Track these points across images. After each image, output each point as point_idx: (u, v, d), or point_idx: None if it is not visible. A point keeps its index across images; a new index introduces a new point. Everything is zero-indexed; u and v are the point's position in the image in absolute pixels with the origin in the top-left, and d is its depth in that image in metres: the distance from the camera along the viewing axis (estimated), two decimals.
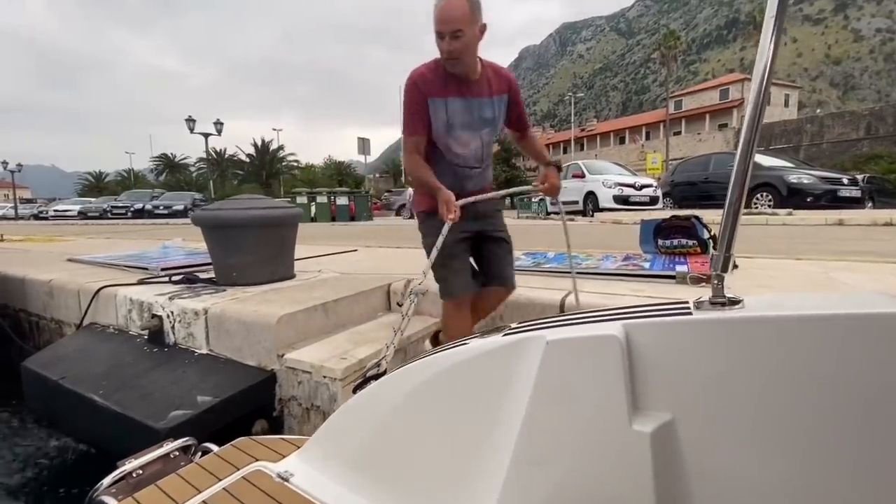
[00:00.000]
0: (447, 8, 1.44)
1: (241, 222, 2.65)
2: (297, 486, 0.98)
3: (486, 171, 1.80)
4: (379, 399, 0.93)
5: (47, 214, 22.82)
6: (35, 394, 2.42)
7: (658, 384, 0.61)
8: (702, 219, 3.06)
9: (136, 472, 1.21)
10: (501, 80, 1.67)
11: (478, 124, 1.65)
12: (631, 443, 0.59)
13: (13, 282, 3.66)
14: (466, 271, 1.73)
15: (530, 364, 0.68)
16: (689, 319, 0.60)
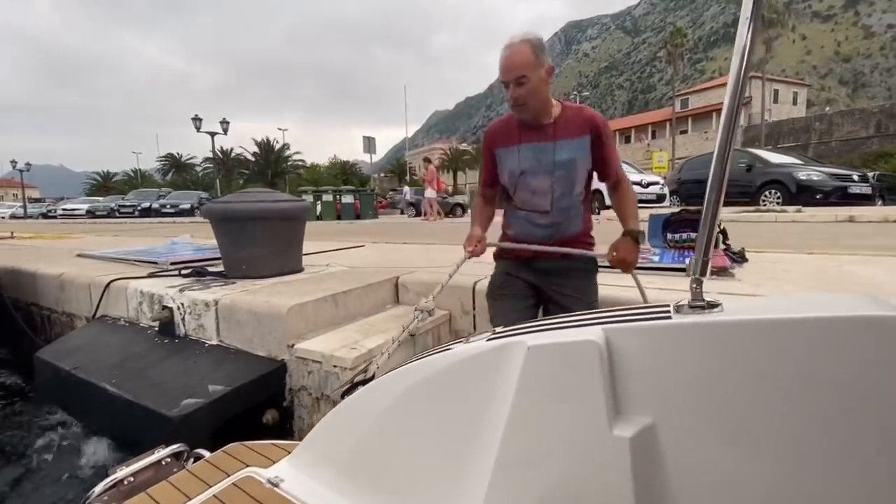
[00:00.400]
0: (509, 56, 1.44)
1: (251, 215, 2.66)
2: (287, 491, 0.98)
3: (565, 221, 1.61)
4: (367, 404, 0.93)
5: (56, 213, 23.05)
6: (48, 384, 2.44)
7: (638, 388, 0.61)
8: None
9: (127, 479, 1.21)
10: (582, 121, 1.54)
11: (548, 169, 1.55)
12: (611, 448, 0.59)
13: (25, 276, 3.70)
14: (508, 315, 1.62)
15: (512, 369, 0.68)
16: (669, 324, 0.59)
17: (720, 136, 0.63)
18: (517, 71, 1.42)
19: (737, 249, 2.83)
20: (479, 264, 1.83)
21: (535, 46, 1.44)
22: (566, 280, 1.61)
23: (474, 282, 2.38)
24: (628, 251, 1.52)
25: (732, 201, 9.22)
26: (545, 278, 1.63)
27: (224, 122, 18.43)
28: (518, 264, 1.68)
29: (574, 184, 1.58)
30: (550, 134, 1.55)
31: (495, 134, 1.66)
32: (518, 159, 1.60)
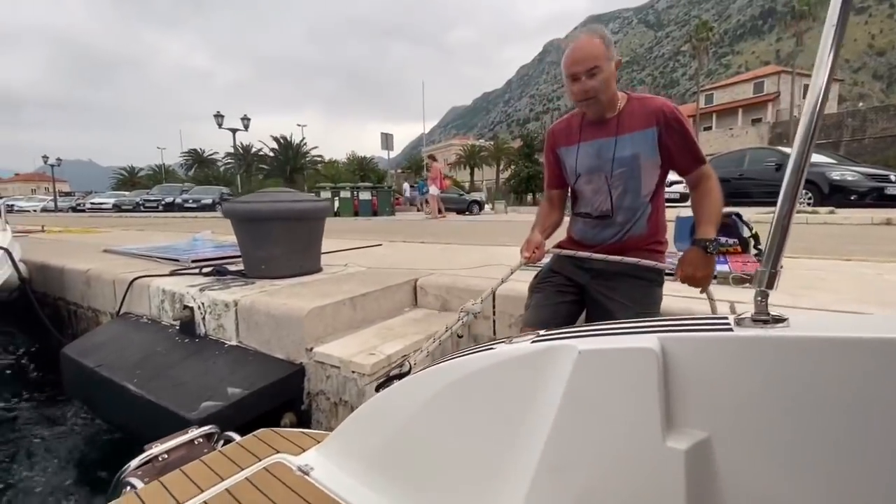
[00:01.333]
0: (581, 47, 1.36)
1: (270, 215, 2.66)
2: (317, 479, 0.99)
3: (629, 222, 1.49)
4: (402, 399, 0.93)
5: (84, 207, 23.77)
6: (73, 380, 2.49)
7: (694, 401, 0.59)
8: (742, 216, 2.92)
9: (161, 456, 1.25)
10: (648, 111, 1.40)
11: (607, 166, 1.45)
12: (664, 459, 0.58)
13: (53, 271, 3.79)
14: (543, 309, 1.55)
15: (560, 373, 0.67)
16: (730, 336, 0.57)
17: (797, 145, 0.61)
18: (590, 61, 1.35)
19: None
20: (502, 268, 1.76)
21: (605, 39, 1.37)
22: (617, 284, 1.47)
23: (494, 288, 2.33)
24: (696, 265, 1.33)
25: (759, 202, 8.93)
26: (594, 280, 1.52)
27: (245, 118, 18.69)
28: (566, 261, 1.59)
29: (639, 181, 1.45)
30: (613, 129, 1.44)
31: (557, 134, 1.60)
32: (577, 158, 1.52)
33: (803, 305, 1.87)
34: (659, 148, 1.41)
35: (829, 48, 0.58)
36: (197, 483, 1.02)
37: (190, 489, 1.01)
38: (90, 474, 2.23)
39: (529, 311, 1.60)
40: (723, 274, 2.28)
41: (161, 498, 0.99)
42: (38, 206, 27.96)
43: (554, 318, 1.53)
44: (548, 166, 1.67)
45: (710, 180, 1.42)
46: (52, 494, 2.11)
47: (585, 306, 1.58)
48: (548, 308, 1.55)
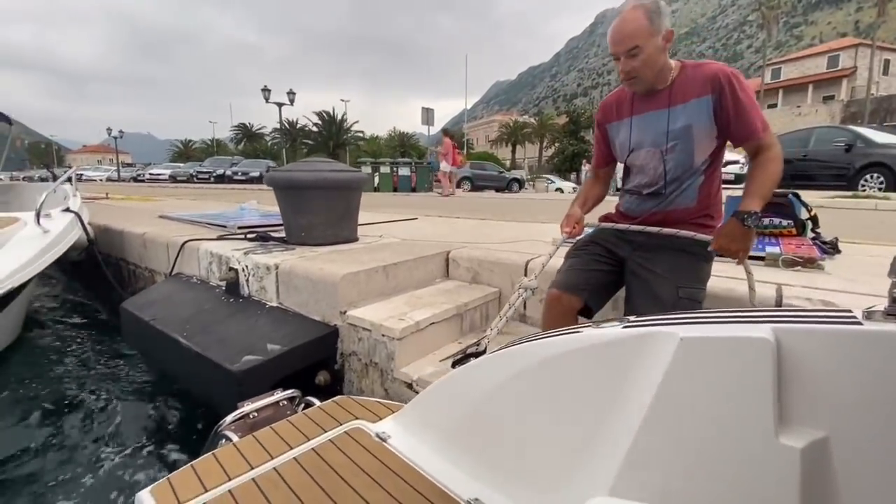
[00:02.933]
0: (619, 26, 1.32)
1: (310, 184, 2.73)
2: (394, 446, 1.04)
3: (677, 194, 1.45)
4: (481, 377, 0.94)
5: (144, 177, 25.30)
6: (131, 331, 2.71)
7: (812, 398, 0.55)
8: (801, 196, 2.72)
9: (252, 413, 1.40)
10: (703, 79, 1.33)
11: (661, 140, 1.42)
12: (776, 457, 0.55)
13: (115, 234, 4.10)
14: (575, 272, 1.53)
15: (657, 361, 0.64)
16: (860, 330, 0.53)
17: None
18: (628, 42, 1.30)
19: (828, 239, 2.52)
20: (535, 243, 1.74)
21: (649, 11, 1.29)
22: (658, 256, 1.42)
23: (526, 260, 2.31)
24: (731, 237, 1.28)
25: (825, 185, 8.26)
26: (635, 252, 1.49)
27: (291, 92, 19.08)
28: (608, 233, 1.58)
29: (692, 153, 1.39)
30: (665, 100, 1.40)
31: (607, 109, 1.58)
32: (630, 132, 1.49)
33: (860, 291, 1.74)
34: (715, 117, 1.34)
35: None
36: (286, 440, 1.12)
37: (280, 445, 1.10)
38: (139, 416, 2.45)
39: (561, 274, 1.57)
40: (773, 255, 2.16)
41: (255, 450, 1.08)
42: (103, 175, 30.04)
43: (585, 284, 1.51)
44: (596, 143, 1.67)
45: (770, 150, 1.32)
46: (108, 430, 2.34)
47: (625, 280, 1.54)
48: (581, 272, 1.53)
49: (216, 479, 0.99)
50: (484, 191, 16.63)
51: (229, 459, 1.06)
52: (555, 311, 1.51)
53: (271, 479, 0.97)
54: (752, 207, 1.26)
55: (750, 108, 1.31)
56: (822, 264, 2.07)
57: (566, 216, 1.59)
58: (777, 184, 1.32)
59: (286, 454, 1.05)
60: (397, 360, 1.83)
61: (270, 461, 1.03)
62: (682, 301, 1.37)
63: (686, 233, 1.38)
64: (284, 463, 1.02)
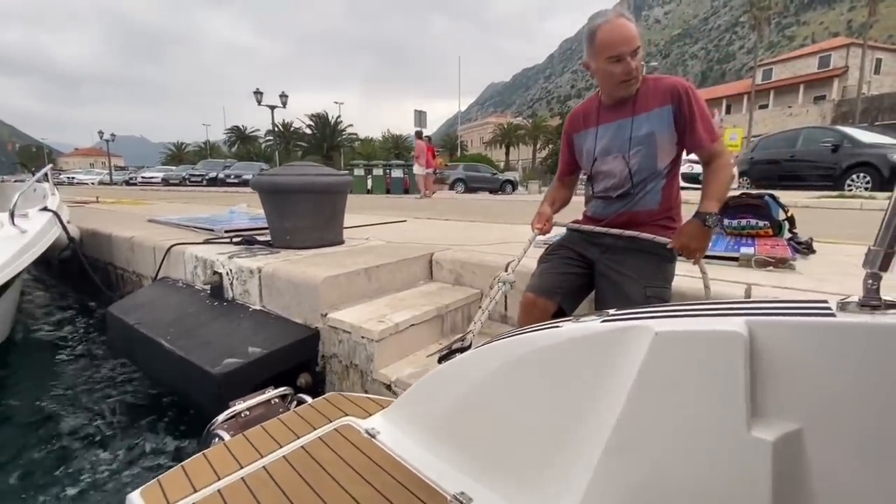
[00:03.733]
0: (623, 28, 1.36)
1: (294, 188, 2.76)
2: (383, 443, 1.05)
3: (640, 197, 1.53)
4: (466, 371, 0.95)
5: (136, 180, 25.19)
6: (116, 335, 2.72)
7: (785, 390, 0.55)
8: (778, 198, 2.77)
9: (244, 412, 1.41)
10: (663, 90, 1.44)
11: (625, 146, 1.49)
12: (748, 449, 0.55)
13: (102, 238, 4.10)
14: (547, 276, 1.59)
15: (633, 355, 0.65)
16: (834, 321, 0.53)
17: None
18: (634, 42, 1.37)
19: (803, 239, 2.57)
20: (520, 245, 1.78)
21: (634, 21, 1.39)
22: (625, 258, 1.50)
23: (508, 262, 2.34)
24: (692, 236, 1.37)
25: (813, 185, 8.37)
26: (604, 255, 1.56)
27: (283, 95, 19.07)
28: (577, 237, 1.66)
29: (654, 158, 1.48)
30: (630, 109, 1.49)
31: (575, 120, 1.66)
32: (596, 139, 1.57)
33: (828, 290, 1.79)
34: (675, 125, 1.43)
35: None
36: (276, 438, 1.13)
37: (270, 444, 1.11)
38: (128, 419, 2.46)
39: (535, 278, 1.62)
40: (746, 256, 2.20)
41: (246, 450, 1.09)
42: (95, 178, 29.88)
43: (559, 287, 1.56)
44: (562, 153, 1.73)
45: (721, 157, 1.43)
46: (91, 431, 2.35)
47: (595, 282, 1.59)
48: (553, 275, 1.58)
49: (206, 478, 1.00)
50: (478, 192, 16.68)
51: (219, 459, 1.07)
52: (530, 315, 1.55)
53: (260, 478, 0.98)
54: (711, 209, 1.36)
55: (705, 119, 1.41)
56: (793, 264, 2.12)
57: (537, 214, 1.65)
58: (729, 187, 1.42)
59: (276, 452, 1.06)
60: (376, 361, 1.86)
61: (260, 460, 1.04)
62: (650, 300, 1.44)
63: (646, 235, 1.44)
64: (274, 461, 1.03)
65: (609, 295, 1.49)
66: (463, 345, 1.27)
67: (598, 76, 1.46)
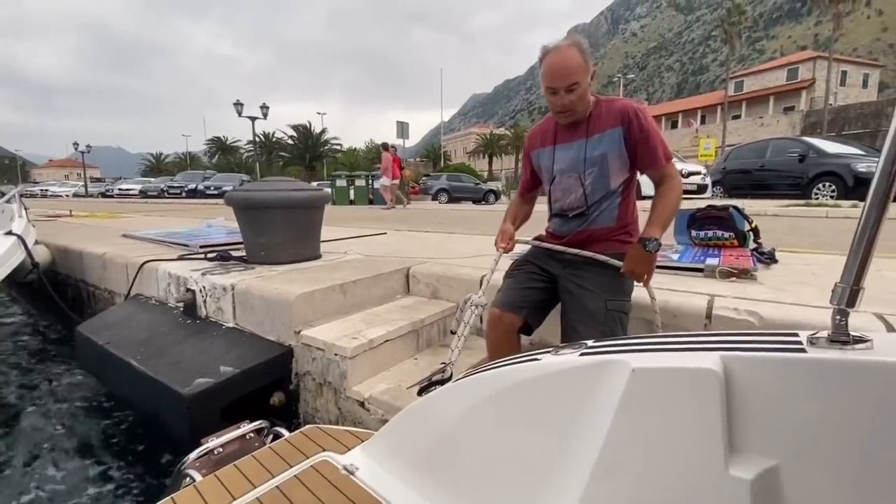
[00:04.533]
0: (561, 61, 1.40)
1: (269, 203, 2.75)
2: (362, 479, 1.01)
3: (597, 215, 1.59)
4: (446, 405, 0.94)
5: (112, 192, 24.66)
6: (86, 355, 2.66)
7: (761, 426, 0.55)
8: (742, 209, 2.87)
9: (217, 449, 1.36)
10: (614, 112, 1.50)
11: (580, 166, 1.55)
12: (728, 490, 0.54)
13: (74, 255, 4.00)
14: (513, 291, 1.63)
15: (611, 390, 0.64)
16: (804, 358, 0.53)
17: (888, 148, 0.54)
18: (571, 77, 1.41)
19: (766, 249, 2.67)
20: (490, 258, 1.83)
21: (583, 51, 1.42)
22: (586, 273, 1.54)
23: (482, 276, 2.37)
24: (636, 261, 1.43)
25: (782, 194, 8.66)
26: (565, 270, 1.60)
27: (264, 106, 18.96)
28: (540, 252, 1.71)
29: (607, 178, 1.54)
30: (584, 131, 1.55)
31: (533, 139, 1.73)
32: (553, 160, 1.63)
33: (786, 301, 1.86)
34: (626, 146, 1.49)
35: None
36: (249, 478, 1.08)
37: (243, 485, 1.06)
38: (96, 444, 2.40)
39: (501, 293, 1.65)
40: (710, 267, 2.28)
41: (217, 492, 1.04)
42: (69, 191, 29.12)
43: (524, 302, 1.59)
44: (524, 170, 1.81)
45: (671, 181, 1.49)
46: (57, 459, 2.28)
47: (559, 296, 1.63)
48: (518, 290, 1.62)
49: None
50: (461, 202, 16.78)
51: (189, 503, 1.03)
52: (497, 330, 1.58)
53: None
54: (653, 234, 1.41)
55: (655, 140, 1.46)
56: (755, 274, 2.20)
57: (501, 232, 1.70)
58: (677, 210, 1.49)
59: (249, 494, 1.02)
60: (349, 378, 1.86)
61: (232, 502, 1.00)
62: (611, 313, 1.48)
63: (601, 257, 1.52)
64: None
65: (572, 308, 1.53)
66: (443, 376, 1.28)
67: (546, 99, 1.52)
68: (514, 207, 1.83)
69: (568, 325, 1.53)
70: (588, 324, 1.47)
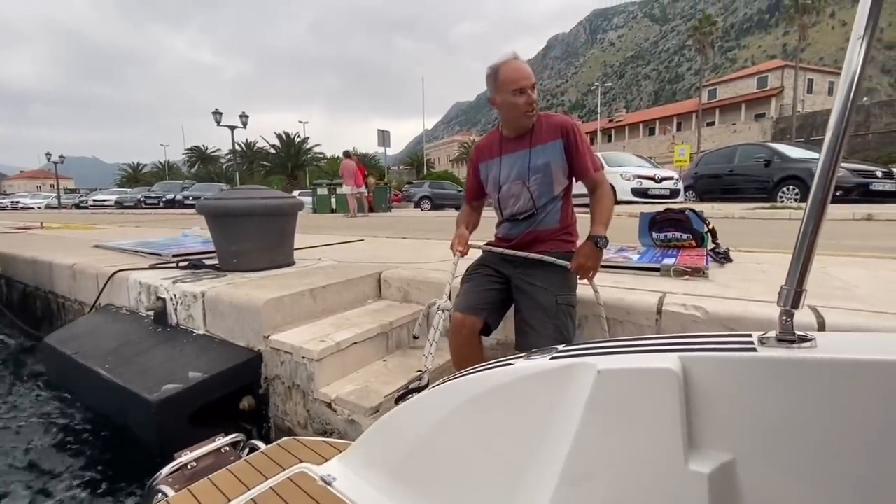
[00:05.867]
0: (522, 65, 1.59)
1: (241, 211, 2.78)
2: (339, 490, 1.00)
3: (542, 217, 1.73)
4: (422, 412, 0.95)
5: (87, 204, 24.08)
6: (53, 367, 2.64)
7: (717, 422, 0.58)
8: (701, 213, 3.01)
9: (190, 464, 1.33)
10: (554, 126, 1.67)
11: (526, 173, 1.69)
12: (687, 483, 0.57)
13: (42, 266, 3.94)
14: (472, 294, 1.71)
15: (579, 392, 0.66)
16: (754, 356, 0.57)
17: (823, 160, 0.57)
18: (533, 77, 1.60)
19: (721, 249, 2.81)
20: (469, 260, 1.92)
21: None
22: (536, 272, 1.67)
23: (456, 280, 2.44)
24: (587, 256, 1.61)
25: (750, 197, 8.98)
26: (517, 270, 1.72)
27: (243, 115, 18.84)
28: (493, 256, 1.82)
29: (551, 184, 1.70)
30: (527, 142, 1.70)
31: (480, 151, 1.87)
32: (500, 169, 1.76)
33: (730, 296, 1.98)
34: (566, 156, 1.66)
35: (858, 51, 0.55)
36: (224, 492, 1.06)
37: (218, 498, 1.04)
38: (62, 456, 2.36)
39: (460, 298, 1.73)
40: (666, 267, 2.39)
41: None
42: (42, 202, 28.32)
43: (483, 304, 1.68)
44: (469, 181, 1.92)
45: (603, 186, 1.68)
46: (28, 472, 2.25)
47: (513, 295, 1.73)
48: (476, 293, 1.70)
49: None
50: (444, 209, 16.88)
51: None
52: (460, 334, 1.67)
53: None
54: (601, 233, 1.59)
55: (587, 152, 1.66)
56: (707, 273, 2.32)
57: (458, 236, 1.80)
58: (612, 210, 1.66)
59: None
60: (317, 380, 1.90)
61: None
62: (561, 307, 1.60)
63: (550, 259, 1.65)
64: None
65: (525, 305, 1.63)
66: (420, 384, 1.31)
67: (503, 109, 1.65)
68: (465, 215, 1.94)
69: (522, 322, 1.63)
70: (541, 318, 1.57)
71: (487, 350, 2.02)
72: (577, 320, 1.71)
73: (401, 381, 1.88)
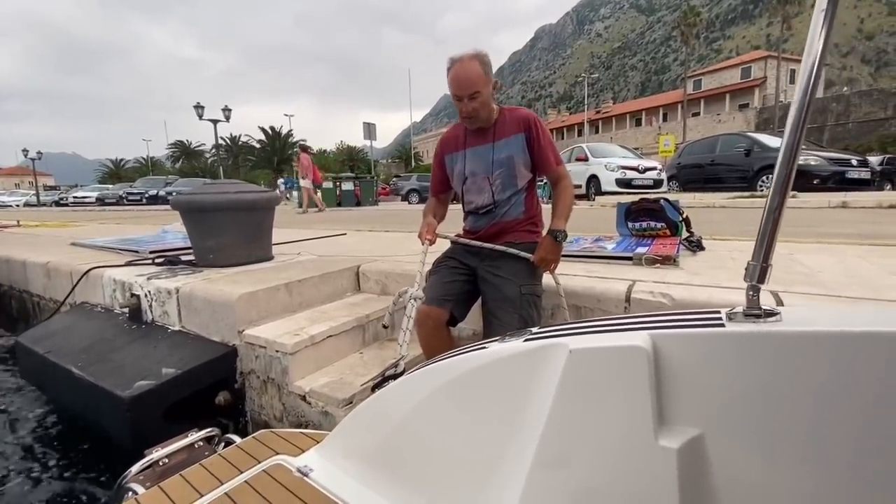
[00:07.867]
0: (463, 72, 1.56)
1: (216, 206, 2.75)
2: (316, 481, 0.99)
3: (506, 208, 1.75)
4: (398, 399, 0.94)
5: (67, 201, 23.56)
6: (27, 366, 2.60)
7: (686, 398, 0.59)
8: (676, 202, 3.06)
9: (162, 460, 1.30)
10: (516, 121, 1.69)
11: (490, 168, 1.71)
12: (657, 459, 0.58)
13: (16, 265, 3.87)
14: (439, 286, 1.72)
15: (552, 372, 0.67)
16: (721, 332, 0.58)
17: (786, 139, 0.59)
18: (473, 87, 1.57)
19: (694, 238, 2.86)
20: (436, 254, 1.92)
21: (484, 64, 1.58)
22: (501, 263, 1.69)
23: (427, 270, 2.46)
24: (548, 249, 1.65)
25: (731, 186, 9.12)
26: (483, 262, 1.74)
27: (226, 109, 18.53)
28: (459, 248, 1.85)
29: (514, 177, 1.73)
30: (490, 136, 1.72)
31: (445, 143, 1.87)
32: (464, 162, 1.78)
33: (697, 283, 2.02)
34: (528, 149, 1.68)
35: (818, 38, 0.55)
36: (196, 487, 1.03)
37: (189, 494, 1.01)
38: (32, 458, 2.34)
39: (427, 290, 1.73)
40: (639, 255, 2.43)
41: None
42: (20, 200, 27.66)
43: (449, 295, 1.69)
44: (434, 174, 1.92)
45: (564, 180, 1.71)
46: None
47: (479, 286, 1.74)
48: (442, 285, 1.72)
49: None
50: None
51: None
52: (426, 326, 1.67)
53: None
54: (560, 227, 1.62)
55: (549, 146, 1.68)
56: (677, 261, 2.36)
57: (426, 225, 1.78)
58: (573, 203, 1.70)
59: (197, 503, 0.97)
60: (291, 374, 1.90)
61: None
62: (525, 297, 1.62)
63: (514, 251, 1.68)
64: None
65: (491, 296, 1.65)
66: (396, 371, 1.30)
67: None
68: (432, 207, 1.92)
69: (488, 312, 1.65)
70: (506, 309, 1.59)
71: (463, 341, 2.05)
72: (543, 310, 1.74)
73: (376, 372, 1.89)
